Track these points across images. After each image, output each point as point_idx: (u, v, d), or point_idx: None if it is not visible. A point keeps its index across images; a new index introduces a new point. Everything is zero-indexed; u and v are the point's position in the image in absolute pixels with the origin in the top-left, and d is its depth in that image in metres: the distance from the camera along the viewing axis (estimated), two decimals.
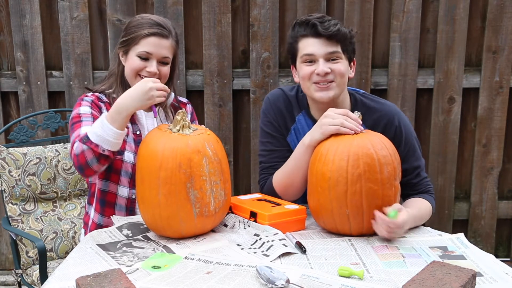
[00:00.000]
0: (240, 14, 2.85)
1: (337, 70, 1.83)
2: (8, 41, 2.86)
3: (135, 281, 1.35)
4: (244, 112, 2.96)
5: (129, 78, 1.97)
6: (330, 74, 1.83)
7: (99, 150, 1.75)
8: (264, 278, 1.33)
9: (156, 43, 1.92)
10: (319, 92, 1.85)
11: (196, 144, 1.61)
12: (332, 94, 1.84)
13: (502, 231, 3.11)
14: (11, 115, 2.94)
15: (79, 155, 1.78)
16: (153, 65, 1.92)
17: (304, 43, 1.85)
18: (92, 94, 2.00)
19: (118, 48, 2.01)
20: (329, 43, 1.82)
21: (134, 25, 1.95)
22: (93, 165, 1.79)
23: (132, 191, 1.97)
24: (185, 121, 1.65)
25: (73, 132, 1.89)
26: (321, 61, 1.82)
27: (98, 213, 2.01)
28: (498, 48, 2.85)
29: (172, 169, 1.57)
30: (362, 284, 1.34)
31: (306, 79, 1.86)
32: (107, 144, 1.76)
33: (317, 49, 1.82)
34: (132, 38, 1.93)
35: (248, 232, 1.67)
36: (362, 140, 1.65)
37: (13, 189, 2.21)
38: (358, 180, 1.60)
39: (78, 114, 1.93)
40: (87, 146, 1.76)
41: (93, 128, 1.78)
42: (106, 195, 1.99)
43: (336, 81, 1.84)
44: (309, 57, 1.84)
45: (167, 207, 1.58)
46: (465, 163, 3.03)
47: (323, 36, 1.81)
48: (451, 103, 2.89)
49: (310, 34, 1.83)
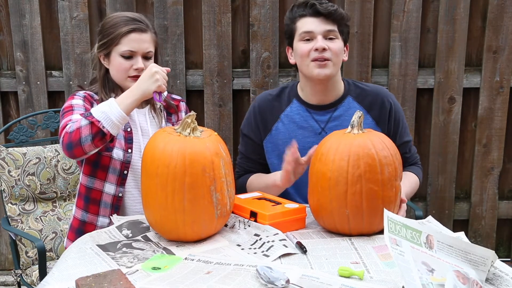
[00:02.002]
0: (240, 14, 2.85)
1: (334, 48, 1.92)
2: (8, 41, 2.86)
3: (135, 281, 1.35)
4: (244, 112, 2.94)
5: (118, 80, 1.96)
6: (327, 52, 1.91)
7: (99, 125, 1.73)
8: (264, 278, 1.33)
9: (137, 38, 1.91)
10: (317, 69, 1.92)
11: (213, 146, 1.61)
12: (329, 72, 1.93)
13: (502, 231, 3.11)
14: (11, 115, 2.94)
15: (74, 132, 1.75)
16: (139, 61, 1.92)
17: (302, 22, 1.94)
18: (84, 92, 1.99)
19: (97, 52, 1.98)
20: (327, 21, 1.92)
21: (110, 25, 1.93)
22: (85, 143, 1.74)
23: (120, 189, 1.96)
24: (195, 124, 1.64)
25: (63, 118, 1.86)
26: (319, 37, 1.91)
27: (81, 210, 1.99)
28: (498, 48, 2.84)
29: (197, 173, 1.55)
30: (362, 284, 1.34)
31: (305, 56, 1.93)
32: (109, 123, 1.74)
33: (316, 26, 1.91)
34: (111, 39, 1.91)
35: (248, 232, 1.67)
36: (363, 140, 1.64)
37: (12, 189, 2.21)
38: (359, 180, 1.60)
39: (70, 104, 1.91)
40: (87, 120, 1.73)
41: (98, 106, 1.78)
42: (91, 192, 1.97)
43: (332, 60, 1.92)
44: (307, 34, 1.93)
45: (192, 212, 1.57)
46: (466, 163, 3.02)
47: (322, 14, 1.91)
48: (452, 103, 2.89)
49: (308, 13, 1.93)
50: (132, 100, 1.77)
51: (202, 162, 1.56)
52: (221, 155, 1.62)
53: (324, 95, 2.02)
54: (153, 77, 1.77)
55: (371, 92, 2.05)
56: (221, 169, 1.60)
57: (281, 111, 2.07)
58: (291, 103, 2.07)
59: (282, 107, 2.08)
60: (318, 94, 2.01)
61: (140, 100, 1.79)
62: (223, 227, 1.74)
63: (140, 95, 1.78)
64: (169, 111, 2.10)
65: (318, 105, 2.03)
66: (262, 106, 2.11)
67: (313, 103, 2.03)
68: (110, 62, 1.95)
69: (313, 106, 2.04)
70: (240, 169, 2.19)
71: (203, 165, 1.56)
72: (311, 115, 2.03)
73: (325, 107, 2.03)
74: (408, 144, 2.12)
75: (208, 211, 1.59)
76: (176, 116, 2.13)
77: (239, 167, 2.19)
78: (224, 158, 1.63)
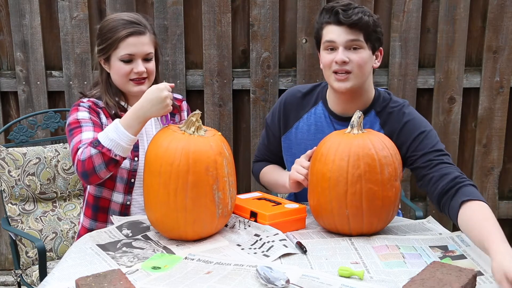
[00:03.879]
0: (240, 14, 2.85)
1: (356, 60, 1.80)
2: (8, 41, 2.86)
3: (135, 281, 1.35)
4: (244, 112, 2.96)
5: (120, 84, 1.93)
6: (348, 64, 1.80)
7: (111, 154, 1.71)
8: (264, 278, 1.33)
9: (136, 42, 1.87)
10: (337, 82, 1.83)
11: (217, 146, 1.61)
12: (350, 85, 1.82)
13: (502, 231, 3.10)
14: (11, 115, 2.94)
15: (86, 160, 1.72)
16: (139, 65, 1.88)
17: (327, 30, 1.84)
18: (88, 100, 1.95)
19: (97, 57, 1.95)
20: (351, 31, 1.80)
21: (107, 29, 1.89)
22: (100, 171, 1.73)
23: (127, 197, 1.95)
24: (199, 123, 1.64)
25: (72, 138, 1.84)
26: (341, 49, 1.80)
27: (89, 219, 1.99)
28: (498, 48, 2.84)
29: (201, 172, 1.55)
30: (362, 284, 1.34)
31: (327, 67, 1.85)
32: (120, 149, 1.72)
33: (337, 36, 1.81)
34: (110, 44, 1.88)
35: (248, 232, 1.67)
36: (363, 140, 1.64)
37: (12, 189, 2.21)
38: (358, 180, 1.60)
39: (76, 119, 1.87)
40: (97, 150, 1.71)
41: (105, 132, 1.74)
42: (100, 201, 1.96)
43: (353, 72, 1.81)
44: (330, 44, 1.83)
45: (194, 211, 1.57)
46: (466, 163, 3.02)
47: (344, 24, 1.79)
48: (452, 103, 2.89)
49: (333, 21, 1.82)
50: (137, 123, 1.73)
51: (205, 161, 1.56)
52: (224, 154, 1.62)
53: (347, 106, 1.91)
54: (164, 102, 1.71)
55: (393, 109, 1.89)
56: (224, 168, 1.60)
57: (305, 111, 2.01)
58: (317, 104, 1.99)
59: (307, 106, 2.01)
60: (341, 104, 1.91)
61: (145, 121, 1.74)
62: (223, 227, 1.74)
63: (146, 118, 1.73)
64: (172, 112, 2.09)
65: (340, 115, 1.93)
66: (288, 101, 2.04)
67: (336, 111, 1.94)
68: (110, 67, 1.92)
69: (335, 115, 1.94)
70: (259, 154, 2.17)
71: (206, 164, 1.56)
72: (332, 123, 1.95)
73: (347, 119, 1.87)
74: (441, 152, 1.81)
75: (209, 210, 1.59)
76: (179, 116, 2.12)
77: (259, 151, 2.18)
78: (227, 158, 1.63)
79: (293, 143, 2.02)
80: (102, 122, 1.91)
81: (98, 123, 1.88)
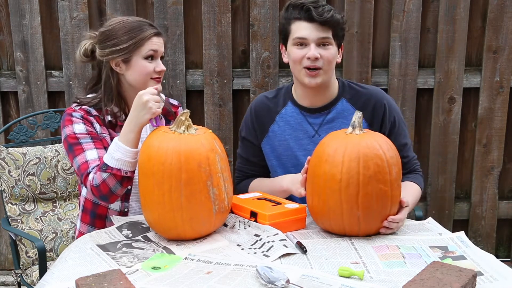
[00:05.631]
0: (240, 14, 2.85)
1: (326, 56, 1.89)
2: (8, 41, 2.86)
3: (135, 281, 1.35)
4: (244, 112, 2.93)
5: (140, 83, 1.90)
6: (320, 60, 1.88)
7: (122, 173, 1.76)
8: (264, 278, 1.33)
9: (158, 41, 1.91)
10: (308, 78, 1.90)
11: (208, 143, 1.62)
12: (320, 80, 1.91)
13: (502, 231, 3.11)
14: (11, 115, 2.94)
15: (100, 185, 1.77)
16: (160, 63, 1.92)
17: (297, 26, 1.90)
18: (80, 109, 1.91)
19: (111, 59, 1.89)
20: (322, 28, 1.87)
21: (127, 30, 1.87)
22: (117, 191, 1.79)
23: (125, 204, 1.96)
24: (189, 121, 1.65)
25: (74, 156, 1.84)
26: (313, 45, 1.87)
27: (87, 225, 1.99)
28: (498, 48, 2.84)
29: (193, 169, 1.56)
30: (362, 284, 1.34)
31: (297, 63, 1.91)
32: (127, 165, 1.77)
33: (310, 33, 1.87)
34: (134, 44, 1.86)
35: (248, 232, 1.67)
36: (370, 140, 1.64)
37: (12, 189, 2.21)
38: (370, 181, 1.59)
39: (73, 134, 1.86)
40: (108, 173, 1.75)
41: (109, 154, 1.77)
42: (98, 208, 1.97)
43: (323, 68, 1.89)
44: (301, 40, 1.89)
45: (190, 208, 1.58)
46: (466, 163, 3.02)
47: (316, 21, 1.86)
48: (452, 103, 2.89)
49: (303, 18, 1.88)
50: (133, 134, 1.77)
51: (197, 158, 1.57)
52: (217, 151, 1.63)
53: (316, 98, 2.00)
54: (146, 106, 1.74)
55: (365, 94, 2.01)
56: (217, 164, 1.60)
57: (277, 113, 2.06)
58: (286, 105, 2.05)
59: (277, 108, 2.07)
60: (309, 97, 1.99)
61: (140, 130, 1.78)
62: (223, 227, 1.74)
63: (138, 126, 1.77)
64: (167, 118, 2.08)
65: (311, 107, 2.01)
66: (258, 108, 2.10)
67: (306, 105, 2.01)
68: (130, 67, 1.89)
69: (306, 109, 2.02)
70: (240, 173, 2.16)
71: (198, 161, 1.57)
72: (305, 118, 2.01)
73: (318, 110, 2.00)
74: (405, 148, 2.00)
75: (206, 206, 1.59)
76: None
77: (239, 171, 2.16)
78: (220, 154, 1.63)
79: (275, 145, 2.06)
80: (97, 131, 1.91)
81: (95, 134, 1.89)
